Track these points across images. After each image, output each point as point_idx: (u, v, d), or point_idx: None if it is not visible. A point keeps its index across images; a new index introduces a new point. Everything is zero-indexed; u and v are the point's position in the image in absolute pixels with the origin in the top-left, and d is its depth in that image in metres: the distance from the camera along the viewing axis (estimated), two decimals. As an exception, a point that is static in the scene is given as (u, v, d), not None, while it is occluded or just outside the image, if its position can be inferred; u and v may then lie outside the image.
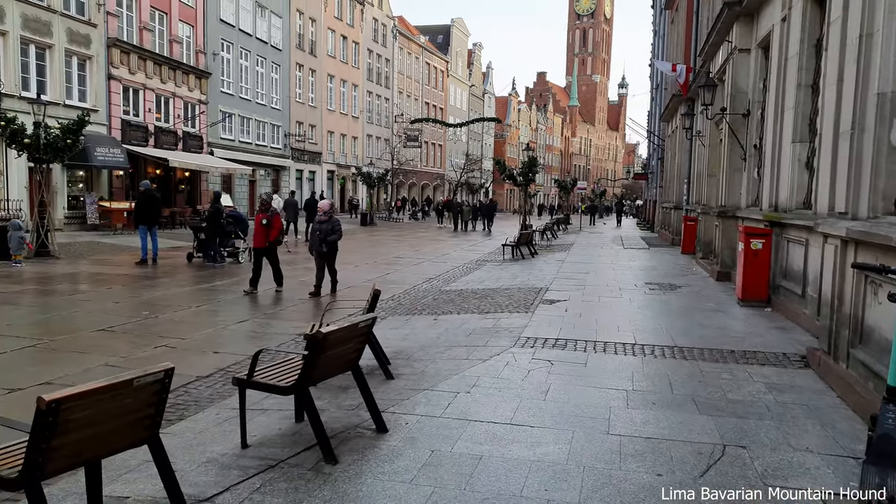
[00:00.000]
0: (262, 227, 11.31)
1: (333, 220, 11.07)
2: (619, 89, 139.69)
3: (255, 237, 11.46)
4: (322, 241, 10.92)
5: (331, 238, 10.95)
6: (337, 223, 11.09)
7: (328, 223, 10.97)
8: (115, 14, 25.23)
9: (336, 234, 11.03)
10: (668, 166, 28.66)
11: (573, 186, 51.29)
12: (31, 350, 7.08)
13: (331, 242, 10.98)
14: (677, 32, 26.15)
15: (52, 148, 15.33)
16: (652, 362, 6.28)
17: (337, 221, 11.12)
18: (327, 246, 10.97)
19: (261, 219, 11.35)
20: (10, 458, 3.02)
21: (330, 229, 10.96)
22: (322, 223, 11.00)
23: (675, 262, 16.53)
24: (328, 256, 11.15)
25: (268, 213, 11.32)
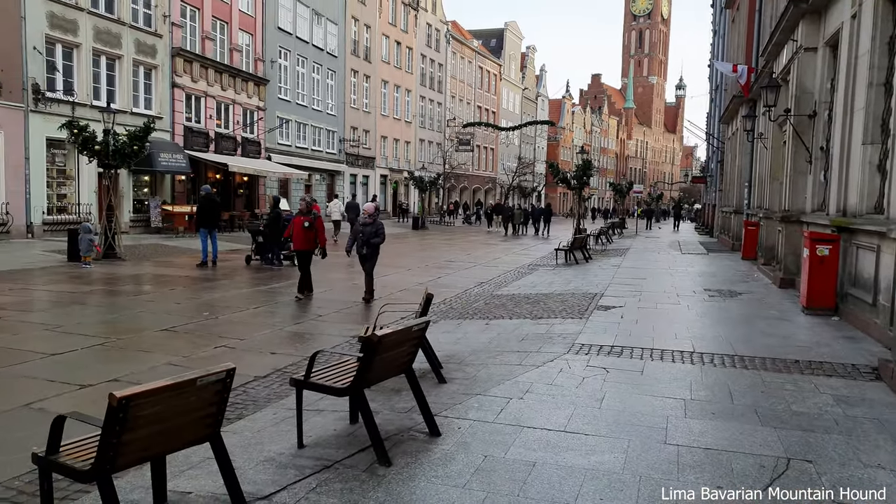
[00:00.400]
0: (302, 230, 11.05)
1: (378, 222, 10.66)
2: (676, 91, 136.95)
3: (296, 240, 11.19)
4: (365, 243, 10.58)
5: (374, 241, 10.55)
6: (381, 226, 10.67)
7: (372, 226, 10.58)
8: (180, 25, 26.10)
9: (379, 238, 10.60)
10: (727, 169, 27.94)
11: (629, 190, 50.37)
12: (99, 348, 7.35)
13: (374, 245, 10.60)
14: (738, 32, 25.48)
15: (119, 154, 15.93)
16: (711, 371, 6.12)
17: (381, 224, 10.70)
18: (369, 248, 10.60)
19: (301, 221, 11.09)
20: (84, 452, 3.16)
21: (374, 232, 10.56)
22: (366, 225, 10.61)
23: (736, 269, 16.10)
24: (368, 259, 10.77)
25: (309, 216, 11.05)
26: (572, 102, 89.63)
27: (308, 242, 11.12)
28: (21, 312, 9.35)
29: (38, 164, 20.63)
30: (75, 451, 3.19)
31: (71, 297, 10.90)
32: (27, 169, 20.18)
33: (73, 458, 3.13)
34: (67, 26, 21.21)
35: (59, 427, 3.17)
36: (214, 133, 28.47)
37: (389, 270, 15.96)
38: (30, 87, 20.03)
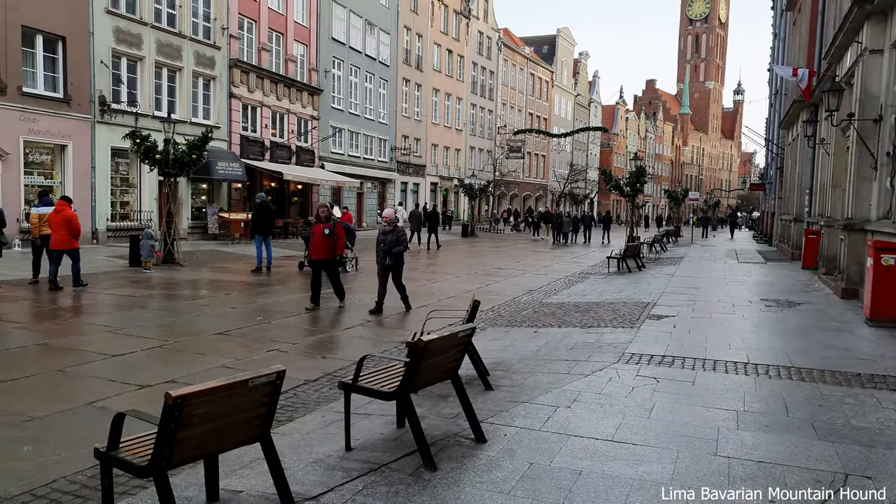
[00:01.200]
0: (322, 238, 10.53)
1: (398, 230, 10.27)
2: (734, 96, 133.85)
3: (315, 248, 10.67)
4: (386, 253, 10.19)
5: (396, 250, 10.19)
6: (402, 233, 10.32)
7: (392, 233, 10.18)
8: (237, 37, 26.85)
9: (401, 246, 10.26)
10: (787, 176, 27.13)
11: (684, 197, 49.41)
12: (158, 350, 7.61)
13: (396, 255, 10.24)
14: (799, 34, 24.77)
15: (179, 163, 16.47)
16: (766, 383, 5.96)
17: (402, 231, 10.36)
18: (392, 258, 10.21)
19: (322, 229, 10.54)
20: (141, 448, 3.30)
21: (395, 240, 10.18)
22: (386, 234, 10.21)
23: (795, 278, 15.61)
24: (393, 269, 10.37)
25: (329, 223, 10.57)
26: (626, 108, 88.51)
27: (329, 251, 10.63)
28: (86, 315, 9.76)
29: (104, 173, 21.49)
30: (134, 447, 3.32)
31: (132, 301, 11.30)
32: (93, 177, 21.04)
33: (132, 453, 3.26)
34: (132, 40, 22.07)
35: (118, 424, 3.31)
36: (270, 142, 29.14)
37: (438, 277, 16.07)
38: (97, 100, 20.91)
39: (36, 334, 8.30)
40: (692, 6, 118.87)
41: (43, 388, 5.96)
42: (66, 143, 20.16)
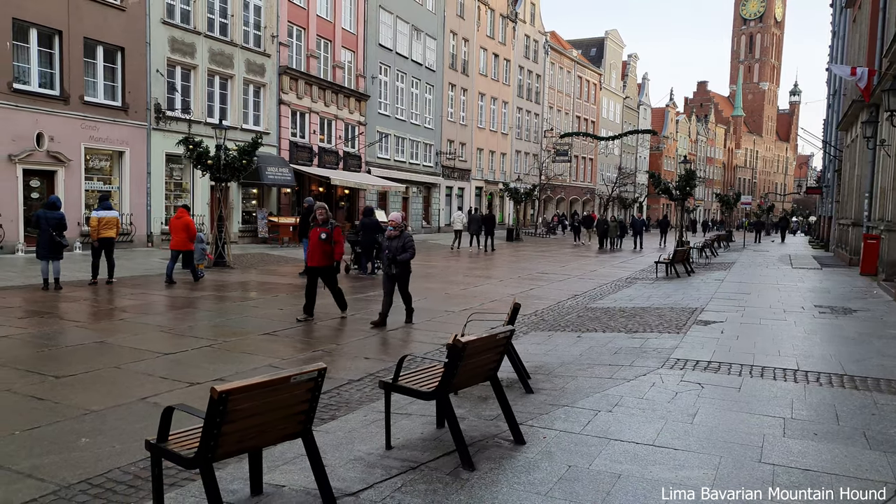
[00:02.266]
0: (319, 243, 9.61)
1: (405, 235, 9.42)
2: (790, 97, 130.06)
3: (311, 255, 9.74)
4: (391, 260, 9.34)
5: (402, 257, 9.31)
6: (409, 238, 9.44)
7: (398, 239, 9.33)
8: (286, 44, 27.41)
9: (408, 253, 9.35)
10: (845, 179, 26.27)
11: (736, 201, 48.23)
12: (207, 349, 7.83)
13: (402, 262, 9.39)
14: (860, 32, 23.99)
15: (230, 168, 16.89)
16: (816, 390, 5.80)
17: (409, 237, 9.47)
18: (397, 267, 9.38)
19: (318, 233, 9.63)
20: (189, 441, 3.42)
21: (401, 246, 9.31)
22: (391, 239, 9.36)
23: (852, 284, 15.10)
24: (399, 279, 9.54)
25: (327, 227, 9.63)
26: (676, 111, 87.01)
27: (326, 257, 9.69)
28: (140, 315, 10.09)
29: (158, 178, 22.19)
30: (182, 440, 3.45)
31: (184, 302, 11.63)
32: (148, 182, 21.74)
33: (180, 446, 3.38)
34: (186, 49, 22.76)
35: (168, 417, 3.44)
36: (318, 147, 29.63)
37: (480, 281, 16.08)
38: (152, 107, 21.62)
39: (94, 332, 8.63)
40: (746, 5, 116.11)
41: (100, 383, 6.20)
42: (124, 150, 20.91)
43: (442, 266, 20.23)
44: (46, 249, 12.08)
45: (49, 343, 7.90)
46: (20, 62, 18.15)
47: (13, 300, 10.97)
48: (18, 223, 18.19)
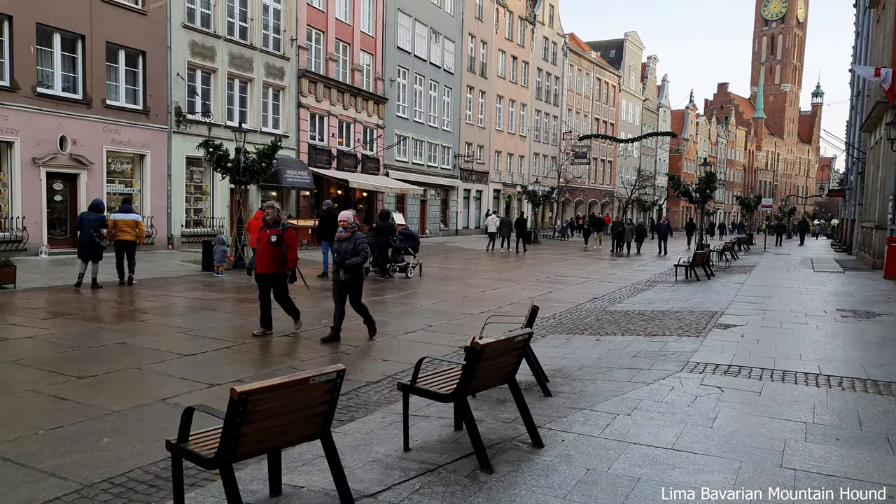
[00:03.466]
0: (268, 246, 8.45)
1: (356, 236, 8.21)
2: (812, 98, 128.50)
3: (260, 260, 8.56)
4: (339, 265, 8.20)
5: (351, 261, 8.12)
6: (361, 241, 8.23)
7: (349, 241, 8.14)
8: (305, 48, 27.60)
9: (359, 256, 8.15)
10: (869, 181, 25.91)
11: (756, 204, 47.74)
12: (227, 351, 7.89)
13: (352, 267, 8.17)
14: (884, 33, 23.65)
15: (249, 171, 17.03)
16: (838, 395, 5.73)
17: (361, 238, 8.27)
18: (347, 272, 8.19)
19: (268, 235, 8.49)
20: (209, 441, 3.45)
21: (351, 249, 8.12)
22: (341, 241, 8.20)
23: (876, 288, 14.88)
24: (350, 287, 8.34)
25: (278, 228, 8.50)
26: (696, 113, 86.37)
27: (277, 263, 8.53)
28: (161, 316, 10.20)
29: (179, 181, 22.42)
30: (202, 440, 3.48)
31: (204, 304, 11.74)
32: (169, 185, 21.98)
33: (200, 446, 3.42)
34: (206, 53, 23.00)
35: (188, 418, 3.47)
36: (336, 150, 29.78)
37: (499, 284, 16.06)
38: (173, 111, 21.86)
39: (115, 334, 8.73)
40: (768, 6, 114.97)
41: (121, 384, 6.28)
42: (145, 153, 21.16)
43: (460, 268, 20.24)
44: (87, 250, 12.57)
45: (71, 344, 8.01)
46: (44, 66, 18.44)
47: (37, 301, 11.14)
48: (42, 225, 18.48)
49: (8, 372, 6.58)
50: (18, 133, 17.64)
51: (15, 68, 17.51)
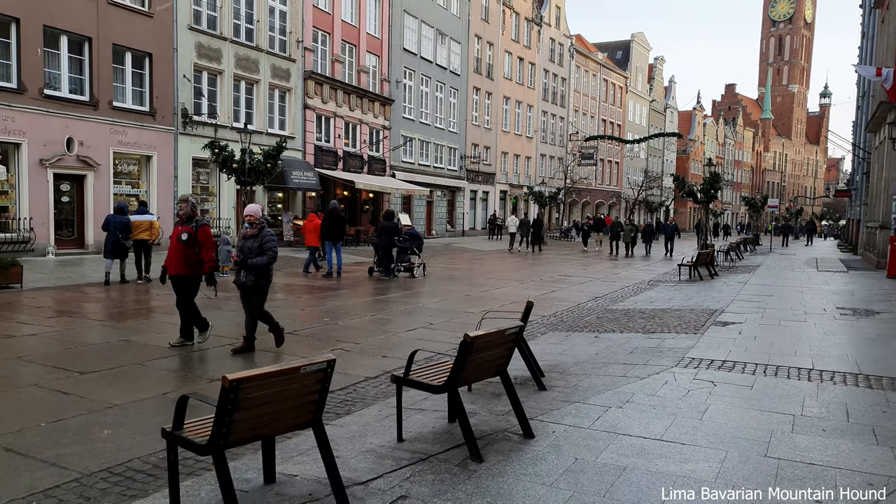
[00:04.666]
0: (178, 247, 7.56)
1: (264, 233, 7.27)
2: (820, 99, 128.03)
3: (170, 260, 7.66)
4: (242, 265, 7.29)
5: (255, 261, 7.18)
6: (268, 238, 7.26)
7: (255, 238, 7.25)
8: (311, 49, 27.76)
9: (265, 256, 7.19)
10: (873, 181, 25.84)
11: (763, 204, 47.61)
12: (230, 347, 7.98)
13: (257, 267, 7.22)
14: (888, 33, 23.60)
15: (254, 171, 17.17)
16: (829, 388, 5.78)
17: (269, 236, 7.29)
18: (250, 274, 7.26)
19: (178, 233, 7.61)
20: (202, 429, 3.55)
21: (257, 247, 7.20)
22: (246, 238, 7.32)
23: (878, 287, 14.88)
24: (255, 292, 7.41)
25: (190, 226, 7.60)
26: (704, 114, 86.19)
27: (188, 264, 7.59)
28: (165, 315, 10.31)
29: (185, 182, 22.59)
30: (195, 428, 3.58)
31: (207, 302, 11.77)
32: (175, 186, 22.16)
33: (194, 434, 3.51)
34: (212, 55, 23.18)
35: (182, 405, 3.57)
36: (342, 152, 29.92)
37: (502, 283, 16.14)
38: (179, 112, 22.05)
39: (119, 331, 8.87)
40: (775, 7, 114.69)
41: (123, 379, 6.39)
42: (152, 154, 21.35)
43: (465, 269, 20.32)
44: (112, 250, 13.63)
45: (75, 341, 8.13)
46: (51, 68, 18.65)
47: (43, 300, 11.30)
48: (49, 226, 18.68)
49: (12, 368, 6.71)
50: (26, 134, 17.84)
51: (22, 70, 17.73)
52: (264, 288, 7.51)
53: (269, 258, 7.23)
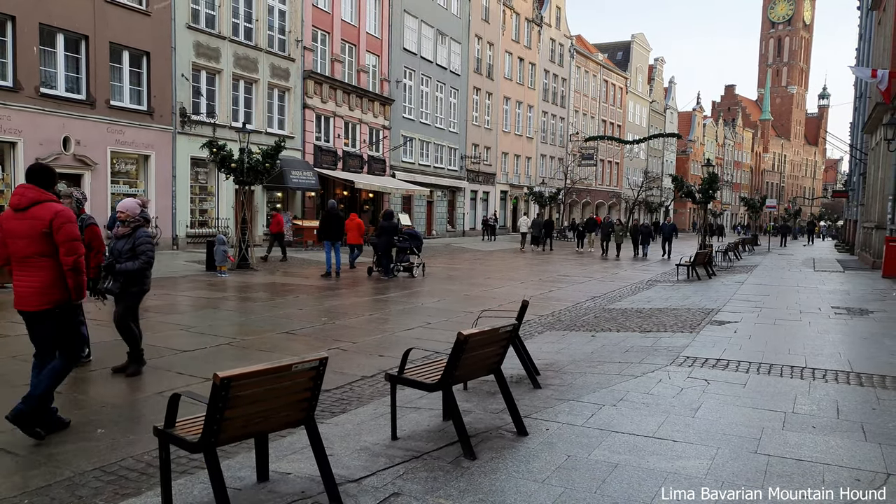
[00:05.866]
0: None
1: (138, 234, 6.30)
2: (819, 100, 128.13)
3: None
4: (108, 269, 6.27)
5: (123, 266, 6.20)
6: (143, 239, 6.29)
7: (128, 239, 6.28)
8: (311, 49, 27.77)
9: (137, 261, 6.23)
10: (870, 182, 25.87)
11: (761, 205, 47.66)
12: (226, 347, 8.02)
13: (126, 273, 6.23)
14: (884, 35, 23.62)
15: (253, 171, 17.17)
16: (820, 386, 5.80)
17: (143, 236, 6.31)
18: (116, 280, 6.28)
19: None
20: (194, 427, 3.56)
21: (127, 250, 6.24)
22: (118, 238, 6.33)
23: (873, 287, 14.91)
24: (126, 301, 6.42)
25: None
26: (703, 115, 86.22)
27: None
28: (163, 315, 10.33)
29: (183, 182, 22.61)
30: (187, 426, 3.59)
31: (206, 302, 11.88)
32: (174, 186, 22.17)
33: (185, 431, 3.52)
34: (211, 54, 23.19)
35: (174, 403, 3.58)
36: (342, 151, 29.93)
37: (501, 283, 16.17)
38: (178, 111, 22.06)
39: (114, 331, 8.85)
40: (774, 8, 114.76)
41: (119, 378, 6.39)
42: (149, 154, 21.35)
43: (466, 269, 20.33)
44: None
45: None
46: (47, 67, 18.61)
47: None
48: (49, 225, 18.63)
49: (7, 367, 6.72)
50: (22, 133, 17.82)
51: (18, 69, 17.68)
52: (136, 296, 6.44)
53: (142, 263, 6.24)
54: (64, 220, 4.61)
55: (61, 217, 4.61)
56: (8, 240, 4.67)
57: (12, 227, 4.64)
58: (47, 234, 4.59)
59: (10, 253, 4.69)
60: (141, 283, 6.44)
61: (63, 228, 4.60)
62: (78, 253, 4.67)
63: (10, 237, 4.65)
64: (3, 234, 4.68)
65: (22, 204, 4.62)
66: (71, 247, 4.62)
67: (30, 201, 4.62)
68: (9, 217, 4.67)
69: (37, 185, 4.71)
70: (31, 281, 4.64)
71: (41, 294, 4.64)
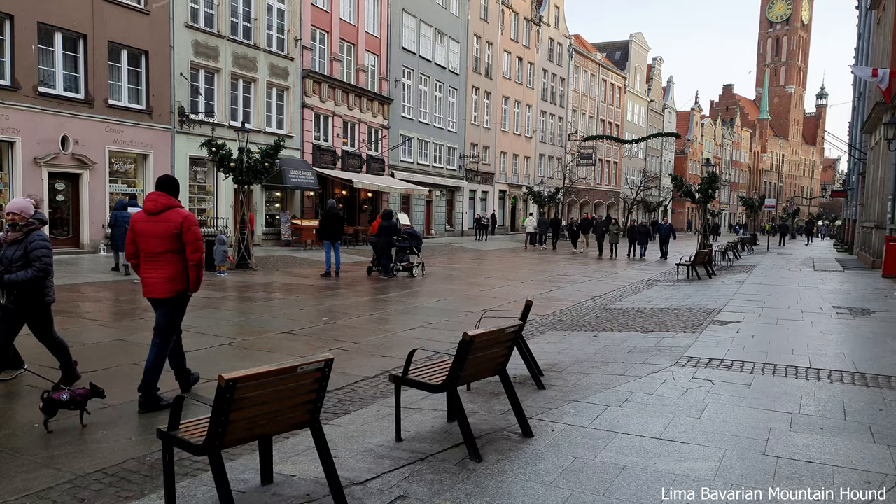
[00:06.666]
0: None
1: (31, 238, 5.55)
2: (817, 100, 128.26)
3: None
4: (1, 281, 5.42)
5: (12, 277, 5.43)
6: (37, 244, 5.53)
7: (18, 246, 5.52)
8: (310, 48, 27.70)
9: (30, 269, 5.45)
10: (869, 182, 25.88)
11: (760, 205, 47.70)
12: (227, 347, 7.98)
13: (17, 284, 5.44)
14: (884, 34, 23.63)
15: (252, 170, 17.12)
16: (826, 387, 5.78)
17: (38, 240, 5.56)
18: (11, 294, 5.48)
19: None
20: (198, 429, 3.52)
21: (19, 257, 5.48)
22: (9, 245, 5.53)
23: (874, 286, 14.90)
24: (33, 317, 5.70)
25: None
26: (702, 114, 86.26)
27: None
28: (162, 313, 10.29)
29: (182, 181, 22.47)
30: (191, 428, 3.55)
31: (205, 302, 11.82)
32: (174, 185, 22.06)
33: (189, 434, 3.48)
34: (210, 53, 23.12)
35: (178, 406, 3.54)
36: (341, 151, 29.86)
37: (502, 283, 16.14)
38: (176, 111, 21.98)
39: (115, 331, 8.84)
40: (772, 8, 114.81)
41: (120, 379, 6.35)
42: (148, 153, 21.28)
43: (466, 269, 20.30)
44: (122, 242, 14.11)
45: (70, 341, 8.04)
46: (45, 66, 18.54)
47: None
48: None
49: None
50: (20, 132, 17.75)
51: (16, 67, 17.61)
52: (44, 309, 5.75)
53: (36, 271, 5.47)
54: (192, 224, 5.42)
55: (189, 221, 5.41)
56: (139, 238, 5.43)
57: (144, 228, 5.40)
58: (177, 235, 5.36)
59: (141, 250, 5.44)
60: (40, 295, 5.65)
61: (191, 230, 5.40)
62: (202, 251, 5.51)
63: (142, 236, 5.41)
64: (135, 234, 5.45)
65: (156, 209, 5.39)
66: (197, 246, 5.44)
67: (162, 207, 5.39)
68: (141, 219, 5.45)
69: (166, 193, 5.48)
70: (160, 273, 5.40)
71: (167, 283, 5.41)
